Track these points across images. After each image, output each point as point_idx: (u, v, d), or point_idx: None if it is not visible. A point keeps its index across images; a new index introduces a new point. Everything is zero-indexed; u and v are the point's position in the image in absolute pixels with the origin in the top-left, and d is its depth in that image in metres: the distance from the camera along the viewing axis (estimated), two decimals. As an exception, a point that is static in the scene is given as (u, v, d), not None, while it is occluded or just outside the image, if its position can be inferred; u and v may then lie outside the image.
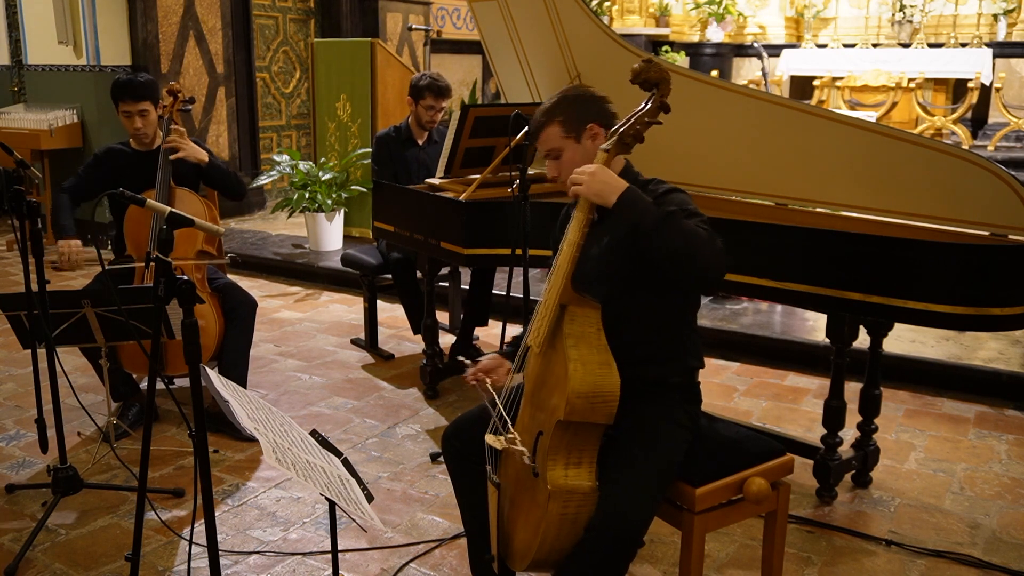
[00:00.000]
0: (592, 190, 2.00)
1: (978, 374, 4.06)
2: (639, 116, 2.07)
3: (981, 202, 2.72)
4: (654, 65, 2.05)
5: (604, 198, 1.99)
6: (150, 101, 3.66)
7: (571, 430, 1.98)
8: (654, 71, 2.04)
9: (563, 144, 2.20)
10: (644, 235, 1.96)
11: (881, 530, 2.89)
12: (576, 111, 2.20)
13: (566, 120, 2.19)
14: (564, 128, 2.19)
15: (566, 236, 2.07)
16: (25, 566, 2.64)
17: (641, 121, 2.06)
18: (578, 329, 2.00)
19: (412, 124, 4.42)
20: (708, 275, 2.00)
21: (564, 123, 2.19)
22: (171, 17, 7.22)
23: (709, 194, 3.42)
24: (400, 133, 4.43)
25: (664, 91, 2.06)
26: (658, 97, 2.06)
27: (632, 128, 2.06)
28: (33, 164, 6.37)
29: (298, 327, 5.09)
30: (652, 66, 2.05)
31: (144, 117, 3.66)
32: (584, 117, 2.19)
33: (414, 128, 4.42)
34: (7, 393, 4.03)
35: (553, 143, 2.21)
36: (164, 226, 2.07)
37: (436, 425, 3.71)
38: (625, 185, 1.99)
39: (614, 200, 1.97)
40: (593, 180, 2.00)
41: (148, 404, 2.21)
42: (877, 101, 9.85)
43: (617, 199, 1.97)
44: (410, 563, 2.69)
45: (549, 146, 2.22)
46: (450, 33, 10.35)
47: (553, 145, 2.22)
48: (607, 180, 1.99)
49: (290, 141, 8.76)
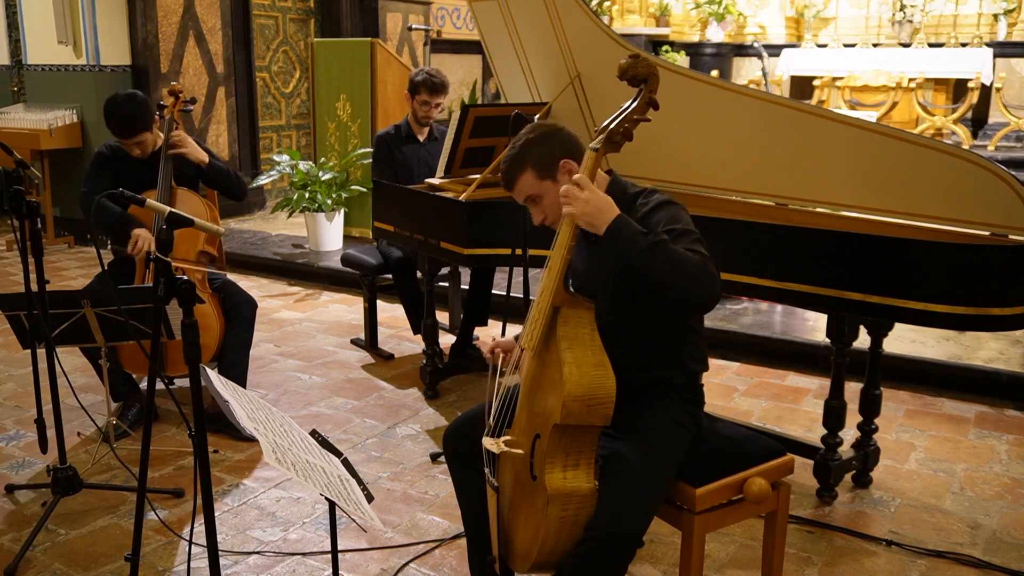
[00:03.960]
0: (584, 218, 1.97)
1: (978, 374, 4.06)
2: (628, 113, 2.02)
3: (981, 202, 2.71)
4: (641, 60, 2.01)
5: (595, 227, 1.96)
6: (146, 132, 3.60)
7: (568, 433, 1.97)
8: (642, 66, 2.01)
9: (540, 189, 2.16)
10: (634, 265, 1.94)
11: (881, 530, 2.89)
12: (544, 153, 2.15)
13: (537, 165, 2.15)
14: (538, 174, 2.15)
15: (556, 239, 2.05)
16: (25, 566, 2.63)
17: (630, 119, 2.02)
18: (572, 331, 1.99)
19: (411, 120, 4.43)
20: (696, 302, 1.99)
21: (536, 168, 2.15)
22: (171, 17, 7.22)
23: (709, 194, 3.42)
24: (400, 131, 4.44)
25: (652, 86, 2.02)
26: (646, 93, 2.02)
27: (621, 126, 2.02)
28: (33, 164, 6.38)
29: (298, 327, 5.09)
30: (640, 61, 2.01)
31: (141, 145, 3.62)
32: (554, 156, 2.15)
33: (413, 125, 4.43)
34: (7, 393, 4.03)
35: (530, 190, 2.18)
36: (164, 226, 2.07)
37: (436, 425, 3.71)
38: (615, 214, 1.95)
39: (604, 229, 1.95)
40: (587, 206, 1.96)
41: (148, 404, 2.21)
42: (877, 101, 9.86)
43: (606, 228, 1.95)
44: (410, 563, 2.69)
45: (527, 194, 2.19)
46: (450, 33, 10.35)
47: (531, 192, 2.18)
48: (600, 207, 1.96)
49: (290, 141, 8.76)
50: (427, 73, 4.29)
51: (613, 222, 1.94)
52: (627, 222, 1.96)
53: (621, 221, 1.95)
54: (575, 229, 2.03)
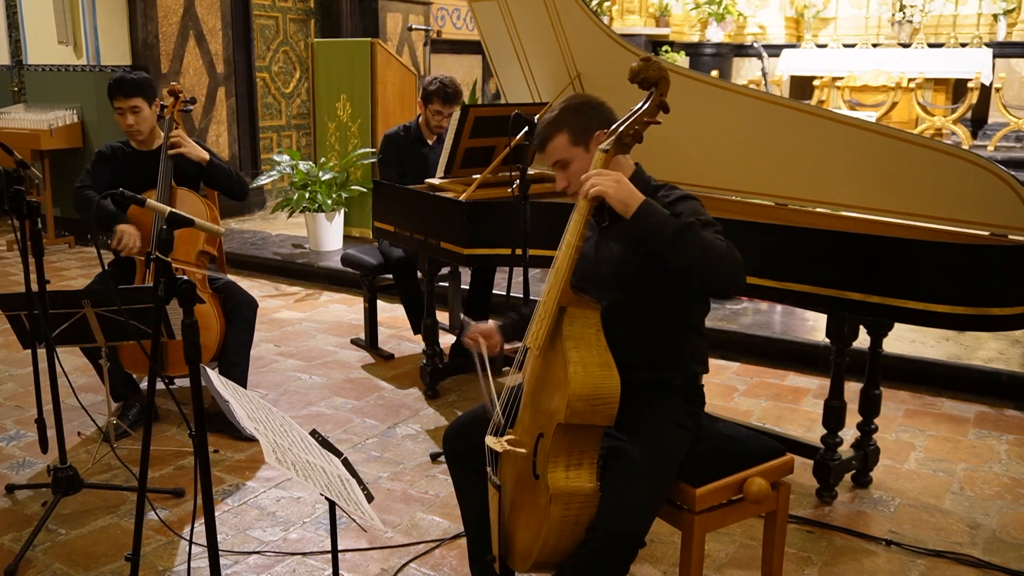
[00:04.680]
0: (619, 198, 1.97)
1: (978, 374, 4.06)
2: (638, 116, 2.05)
3: (981, 202, 2.72)
4: (653, 64, 2.04)
5: (627, 207, 1.97)
6: (142, 97, 3.62)
7: (572, 432, 1.97)
8: (653, 70, 2.03)
9: (571, 154, 2.19)
10: (661, 248, 1.95)
11: (881, 530, 2.89)
12: (581, 120, 2.18)
13: (573, 130, 2.18)
14: (572, 138, 2.18)
15: (564, 237, 2.06)
16: (25, 566, 2.64)
17: (640, 121, 2.05)
18: (578, 331, 2.00)
19: (422, 125, 4.42)
20: (725, 287, 2.01)
21: (571, 133, 2.18)
22: (171, 17, 7.22)
23: (709, 194, 3.42)
24: (410, 132, 4.43)
25: (663, 90, 2.04)
26: (657, 96, 2.04)
27: (631, 128, 2.05)
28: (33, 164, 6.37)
29: (298, 327, 5.09)
30: (651, 65, 2.03)
31: (136, 114, 3.62)
32: (590, 126, 2.18)
33: (424, 129, 4.42)
34: (7, 393, 4.03)
35: (561, 153, 2.20)
36: (164, 226, 2.07)
37: (436, 425, 3.71)
38: (643, 196, 1.98)
39: (634, 210, 1.96)
40: (620, 188, 1.98)
41: (148, 404, 2.22)
42: (877, 101, 9.86)
43: (636, 210, 1.96)
44: (410, 563, 2.69)
45: (557, 156, 2.21)
46: (450, 33, 10.35)
47: (561, 155, 2.20)
48: (632, 190, 1.98)
49: (290, 141, 8.76)
50: (441, 82, 4.26)
51: (643, 204, 1.96)
52: (655, 205, 1.98)
53: (650, 204, 1.97)
54: (583, 229, 2.03)
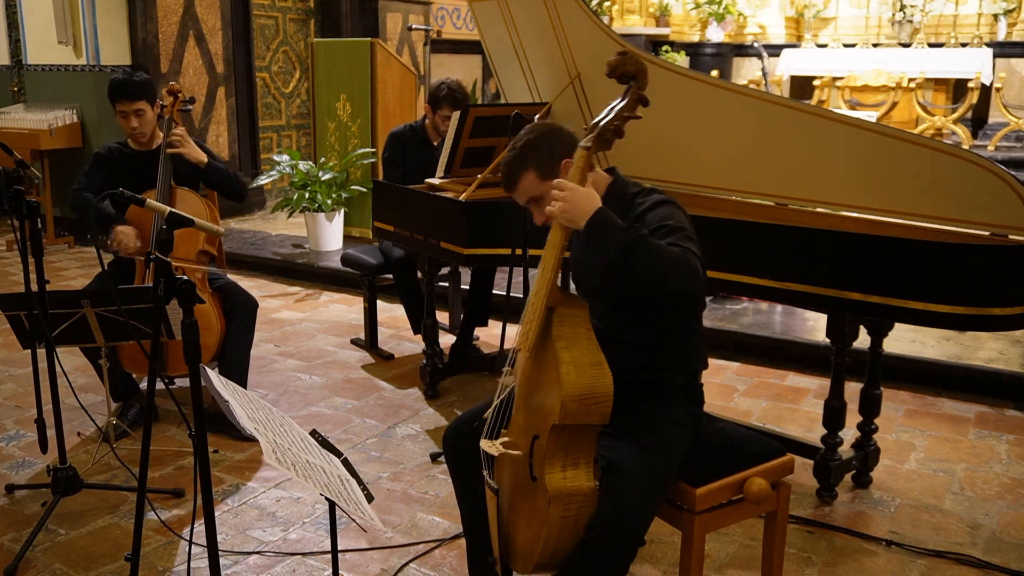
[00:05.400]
0: (564, 216, 1.96)
1: (978, 374, 4.06)
2: (618, 111, 2.02)
3: (981, 202, 2.71)
4: (630, 57, 2.00)
5: (575, 223, 1.95)
6: (146, 100, 3.64)
7: (567, 433, 1.97)
8: (630, 64, 2.00)
9: (543, 190, 2.14)
10: (614, 260, 1.92)
11: (881, 530, 2.89)
12: (545, 154, 2.14)
13: (539, 167, 2.14)
14: (540, 175, 2.14)
15: (548, 238, 2.04)
16: (25, 566, 2.64)
17: (620, 116, 2.01)
18: (568, 330, 1.98)
19: (428, 127, 4.40)
20: (677, 297, 1.98)
21: (538, 169, 2.14)
22: (171, 17, 7.22)
23: (709, 194, 3.42)
24: (416, 133, 4.42)
25: (641, 83, 2.01)
26: (635, 90, 2.01)
27: (612, 124, 2.01)
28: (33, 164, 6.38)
29: (298, 327, 5.09)
30: (628, 59, 2.00)
31: (140, 117, 3.64)
32: (554, 156, 2.13)
33: (430, 131, 4.41)
34: (7, 393, 4.03)
35: (532, 191, 2.17)
36: (164, 226, 2.07)
37: (436, 425, 3.71)
38: (596, 207, 1.93)
39: (583, 224, 1.93)
40: (564, 204, 1.95)
41: (148, 404, 2.21)
42: (877, 101, 9.86)
43: (586, 223, 1.93)
44: (410, 563, 2.69)
45: (529, 195, 2.18)
46: (450, 33, 10.35)
47: (533, 193, 2.17)
48: (578, 204, 1.94)
49: (290, 141, 8.76)
50: (449, 88, 4.25)
51: (592, 217, 1.93)
52: (606, 217, 1.93)
53: (600, 216, 1.93)
54: (567, 229, 2.02)
